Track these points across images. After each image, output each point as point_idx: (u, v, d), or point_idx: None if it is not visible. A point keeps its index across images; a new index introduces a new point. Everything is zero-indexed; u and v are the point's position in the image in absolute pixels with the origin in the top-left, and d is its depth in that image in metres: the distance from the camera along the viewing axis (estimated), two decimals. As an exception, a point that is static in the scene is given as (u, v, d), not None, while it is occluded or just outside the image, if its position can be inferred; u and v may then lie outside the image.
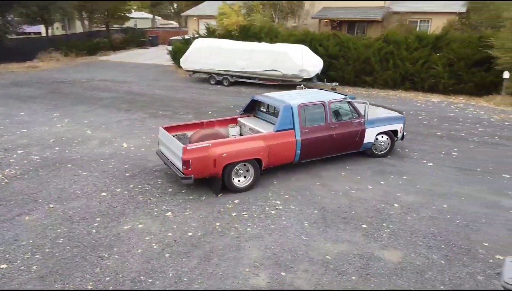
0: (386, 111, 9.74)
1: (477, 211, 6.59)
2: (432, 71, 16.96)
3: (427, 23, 24.64)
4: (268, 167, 7.66)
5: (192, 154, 6.80)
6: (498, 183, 7.76)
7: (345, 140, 8.46)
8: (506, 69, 14.99)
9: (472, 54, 16.48)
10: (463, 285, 4.71)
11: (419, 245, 5.54)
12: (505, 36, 15.31)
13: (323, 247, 5.49)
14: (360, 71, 18.25)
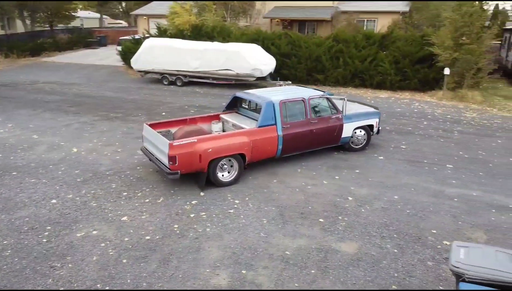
0: (362, 107, 10.12)
1: (425, 200, 6.95)
2: (379, 68, 17.66)
3: (374, 22, 25.61)
4: (251, 161, 7.86)
5: (178, 150, 6.92)
6: (443, 173, 8.23)
7: (324, 135, 8.80)
8: (447, 65, 15.91)
9: (415, 52, 17.35)
10: (415, 271, 4.95)
11: (373, 236, 5.76)
12: (445, 35, 16.24)
13: (282, 243, 5.56)
14: (312, 69, 18.64)
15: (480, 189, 7.49)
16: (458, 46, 15.94)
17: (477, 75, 16.27)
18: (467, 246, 3.84)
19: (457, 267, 3.56)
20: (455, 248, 3.82)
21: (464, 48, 15.79)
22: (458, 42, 15.94)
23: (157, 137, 7.55)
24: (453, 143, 10.26)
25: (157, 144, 7.51)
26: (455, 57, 15.92)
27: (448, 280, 4.75)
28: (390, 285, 4.68)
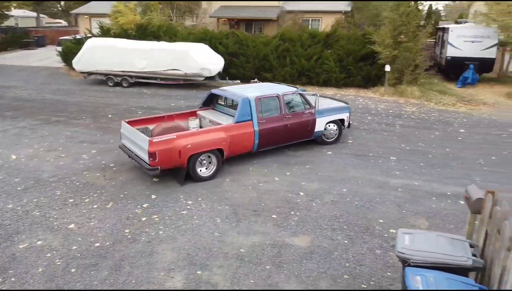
0: (334, 102, 10.63)
1: (371, 191, 7.26)
2: (325, 66, 18.17)
3: (318, 22, 26.28)
4: (229, 156, 8.12)
5: (158, 146, 7.07)
6: (387, 165, 8.64)
7: (298, 130, 9.14)
8: (387, 63, 16.70)
9: (358, 50, 18.04)
10: (364, 260, 5.17)
11: (324, 229, 5.94)
12: (385, 33, 17.05)
13: (236, 241, 5.59)
14: (259, 68, 18.82)
15: (421, 179, 7.95)
16: (397, 44, 16.78)
17: (415, 72, 17.22)
18: (411, 233, 4.07)
19: (402, 253, 3.76)
20: (400, 235, 4.03)
21: (403, 46, 16.64)
22: (397, 41, 16.78)
23: (136, 134, 7.65)
24: (395, 136, 10.79)
25: (136, 141, 7.59)
26: (395, 54, 16.74)
27: (395, 266, 4.99)
28: (342, 275, 4.85)
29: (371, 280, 4.76)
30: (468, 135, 11.27)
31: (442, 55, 21.03)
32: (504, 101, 16.83)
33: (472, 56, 19.17)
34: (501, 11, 17.73)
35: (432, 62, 21.27)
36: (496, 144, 10.58)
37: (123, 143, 8.28)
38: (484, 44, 19.27)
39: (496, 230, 3.66)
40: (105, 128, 11.01)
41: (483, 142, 10.68)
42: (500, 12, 17.78)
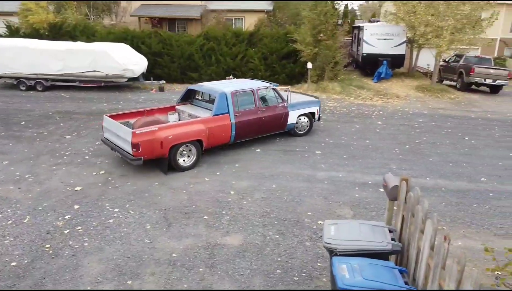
0: (304, 96, 11.41)
1: (300, 185, 7.50)
2: (250, 65, 18.42)
3: (242, 21, 26.55)
4: (208, 147, 8.60)
5: (140, 138, 7.47)
6: (313, 159, 8.98)
7: (272, 122, 9.74)
8: (309, 60, 17.35)
9: (281, 48, 18.52)
10: (295, 253, 5.32)
11: (256, 225, 6.02)
12: (305, 32, 17.70)
13: (168, 246, 5.46)
14: (185, 68, 18.56)
15: (345, 170, 8.37)
16: (317, 42, 17.49)
17: (335, 68, 18.10)
18: (337, 223, 4.26)
19: (329, 243, 3.93)
20: (326, 226, 4.21)
21: (322, 44, 17.39)
22: (317, 39, 17.49)
23: (119, 127, 7.99)
24: (319, 131, 11.24)
25: (119, 134, 7.95)
26: (316, 52, 17.45)
27: (324, 256, 5.21)
28: (275, 270, 4.95)
29: (302, 272, 4.92)
30: (384, 127, 12.08)
31: (358, 52, 22.30)
32: (414, 93, 18.32)
33: (385, 52, 20.58)
34: (407, 11, 19.25)
35: (350, 59, 22.52)
36: (409, 134, 11.48)
37: (105, 137, 8.62)
38: (395, 42, 20.78)
39: (411, 214, 3.97)
40: (17, 137, 10.14)
41: (398, 133, 11.53)
42: (406, 12, 19.29)
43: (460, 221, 6.38)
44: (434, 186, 7.74)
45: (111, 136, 8.37)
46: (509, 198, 7.36)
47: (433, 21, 17.76)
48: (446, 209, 6.78)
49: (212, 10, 25.29)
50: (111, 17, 26.50)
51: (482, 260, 5.02)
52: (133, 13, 25.35)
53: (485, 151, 10.26)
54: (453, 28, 17.75)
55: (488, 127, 12.96)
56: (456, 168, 8.88)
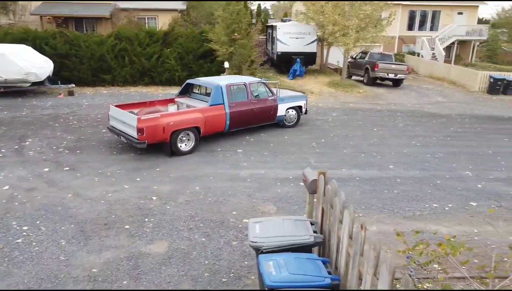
0: (292, 92, 12.65)
1: (223, 185, 7.50)
2: (166, 65, 17.99)
3: (155, 20, 25.79)
4: (205, 134, 9.55)
5: (145, 123, 8.39)
6: (235, 158, 9.03)
7: (263, 113, 10.85)
8: (225, 59, 17.42)
9: (197, 48, 18.36)
10: (222, 254, 5.30)
11: (181, 230, 5.89)
12: (219, 31, 17.74)
13: (87, 261, 5.12)
14: (97, 69, 17.57)
15: (266, 167, 8.55)
16: (232, 41, 17.63)
17: (252, 67, 18.38)
18: (261, 221, 4.32)
19: (254, 242, 3.97)
20: (251, 225, 4.25)
21: (237, 43, 17.57)
22: (232, 38, 17.63)
23: (125, 114, 8.89)
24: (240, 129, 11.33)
25: (125, 121, 8.81)
26: (231, 51, 17.57)
27: (251, 255, 5.26)
28: (203, 274, 4.89)
29: (230, 273, 4.92)
30: (301, 122, 12.54)
31: (273, 50, 22.90)
32: (327, 89, 19.30)
33: (298, 51, 21.39)
34: (316, 11, 20.18)
35: (265, 57, 23.04)
36: (324, 128, 12.06)
37: (111, 125, 9.47)
38: (307, 40, 21.69)
39: (330, 206, 4.16)
40: None
41: (314, 128, 12.06)
42: (315, 12, 20.22)
43: (373, 207, 6.85)
44: (349, 176, 8.22)
45: (117, 124, 9.23)
46: (414, 183, 8.07)
47: (340, 20, 18.83)
48: (361, 197, 7.24)
49: (122, 9, 24.20)
50: (8, 16, 24.13)
51: (395, 242, 5.43)
52: (33, 12, 23.31)
53: (391, 140, 11.15)
54: (358, 27, 19.00)
55: (393, 118, 14.11)
56: (368, 158, 9.52)
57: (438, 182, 8.18)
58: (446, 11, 32.28)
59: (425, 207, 6.98)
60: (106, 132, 10.65)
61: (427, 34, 31.45)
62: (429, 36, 30.63)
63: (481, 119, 14.92)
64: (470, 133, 12.64)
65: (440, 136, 11.97)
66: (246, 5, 18.94)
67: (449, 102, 18.35)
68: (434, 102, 18.26)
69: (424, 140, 11.40)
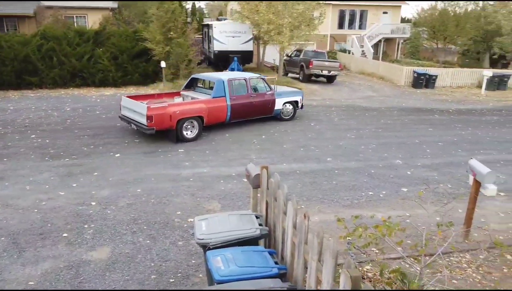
0: (289, 88, 14.06)
1: (166, 186, 7.38)
2: (99, 65, 17.25)
3: (84, 19, 24.60)
4: (208, 124, 10.60)
5: (154, 111, 9.36)
6: (177, 158, 8.93)
7: (261, 107, 11.91)
8: (162, 59, 17.08)
9: (131, 47, 17.80)
10: (169, 255, 5.24)
11: (124, 234, 5.72)
12: (154, 30, 17.35)
13: (22, 274, 4.80)
14: (21, 71, 16.41)
15: (209, 165, 8.54)
16: (168, 40, 17.32)
17: (189, 66, 18.20)
18: (207, 218, 4.33)
19: (201, 239, 3.97)
20: (197, 223, 4.24)
21: (174, 42, 17.29)
22: (168, 37, 17.31)
23: (136, 104, 9.88)
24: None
25: (135, 109, 9.79)
26: (168, 50, 17.26)
27: (198, 253, 5.24)
28: (149, 276, 4.80)
29: (177, 273, 4.88)
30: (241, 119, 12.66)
31: (210, 49, 22.83)
32: (265, 87, 19.55)
33: (234, 49, 21.51)
34: (250, 10, 20.41)
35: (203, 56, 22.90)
36: (264, 125, 12.27)
37: (122, 114, 10.40)
38: (243, 39, 21.88)
39: (274, 199, 4.27)
40: None
41: (253, 124, 12.21)
42: (250, 11, 20.44)
43: (314, 198, 7.12)
44: (290, 170, 8.46)
45: (128, 113, 10.14)
46: (350, 173, 8.49)
47: (274, 19, 19.21)
48: (302, 189, 7.49)
49: (48, 7, 22.77)
50: None
51: (336, 230, 5.69)
52: None
53: (328, 134, 11.62)
54: (292, 25, 19.51)
55: (328, 113, 14.68)
56: (307, 151, 9.85)
57: (372, 171, 8.68)
58: (373, 10, 34.13)
59: (362, 195, 7.39)
60: (36, 137, 10.04)
61: (356, 32, 33.04)
62: (358, 34, 32.21)
63: (407, 112, 15.99)
64: (399, 124, 13.52)
65: (372, 128, 12.67)
66: (181, 4, 18.66)
67: (379, 96, 19.44)
68: (366, 96, 19.25)
69: (358, 133, 12.01)
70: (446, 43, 35.60)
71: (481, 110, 17.31)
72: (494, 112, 17.04)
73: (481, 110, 17.43)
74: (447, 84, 23.71)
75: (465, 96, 21.02)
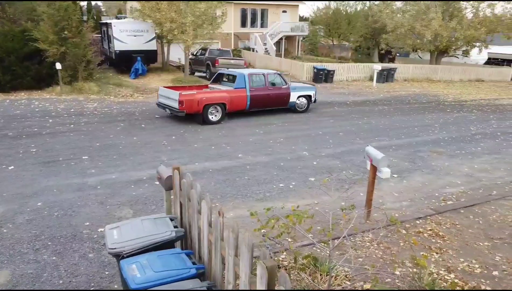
0: (303, 83, 16.31)
1: (71, 197, 6.90)
2: (-19, 69, 15.41)
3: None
4: (230, 111, 12.80)
5: (185, 97, 11.73)
6: (81, 165, 8.39)
7: (277, 99, 13.97)
8: (57, 60, 15.81)
9: (20, 48, 16.19)
10: (79, 270, 4.92)
11: (25, 253, 5.24)
12: (46, 29, 15.97)
13: None
14: None
15: (117, 171, 8.17)
16: (63, 40, 16.09)
17: (89, 67, 17.13)
18: (118, 226, 4.16)
19: (114, 248, 3.80)
20: (108, 232, 4.05)
21: (69, 42, 16.13)
22: (62, 37, 16.08)
23: (170, 92, 12.23)
24: (83, 135, 10.55)
25: (170, 96, 12.15)
26: (63, 51, 16.04)
27: (112, 263, 5.01)
28: (58, 294, 4.47)
29: (90, 286, 4.61)
30: (149, 121, 12.32)
31: (111, 49, 21.73)
32: (172, 87, 19.23)
33: (137, 49, 20.78)
34: (151, 8, 19.86)
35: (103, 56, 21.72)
36: (173, 125, 12.08)
37: (159, 101, 12.75)
38: (145, 38, 21.22)
39: (187, 199, 4.25)
40: None
41: (163, 126, 11.97)
42: (151, 9, 19.88)
43: (228, 195, 7.22)
44: (202, 169, 8.46)
45: (164, 100, 12.48)
46: (261, 168, 8.76)
47: (177, 18, 18.93)
48: (216, 187, 7.54)
49: None
50: None
51: (250, 224, 5.84)
52: None
53: (238, 131, 11.84)
54: (195, 24, 19.41)
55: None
56: (218, 149, 9.93)
57: (281, 164, 9.05)
58: (273, 9, 35.38)
59: (273, 187, 7.67)
60: None
61: (258, 30, 33.98)
62: (261, 33, 33.16)
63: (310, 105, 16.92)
64: (303, 118, 14.25)
65: (279, 123, 13.20)
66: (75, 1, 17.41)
67: (284, 92, 20.26)
68: (271, 92, 19.92)
69: (266, 128, 12.41)
70: (341, 40, 38.31)
71: (374, 101, 19.00)
72: (384, 102, 18.82)
73: (373, 101, 19.13)
74: (343, 78, 25.56)
75: (359, 89, 22.88)
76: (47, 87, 16.49)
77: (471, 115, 16.56)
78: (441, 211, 6.81)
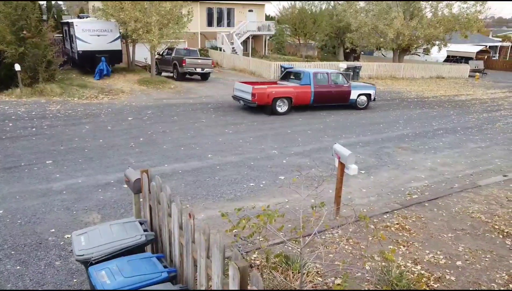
0: (364, 83, 17.65)
1: (35, 203, 6.66)
2: None
3: None
4: (296, 104, 14.86)
5: (257, 90, 13.94)
6: (45, 170, 8.10)
7: (339, 95, 15.65)
8: (16, 61, 15.18)
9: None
10: (45, 278, 4.76)
11: (-14, 264, 5.02)
12: (3, 29, 15.33)
13: None
14: None
15: (84, 175, 7.95)
16: (21, 40, 15.48)
17: (50, 68, 16.56)
18: (85, 232, 4.05)
19: (81, 255, 3.70)
20: (75, 238, 3.94)
21: (29, 42, 15.53)
22: (20, 36, 15.47)
23: (245, 86, 14.43)
24: (46, 138, 10.19)
25: (244, 90, 14.41)
26: (22, 52, 15.43)
27: (80, 270, 4.88)
28: (23, 305, 4.31)
29: (57, 295, 4.48)
30: (116, 123, 12.05)
31: (73, 49, 21.07)
32: (138, 87, 18.94)
33: (101, 49, 20.23)
34: (115, 7, 19.38)
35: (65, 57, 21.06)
36: (141, 127, 11.88)
37: (235, 94, 15.05)
38: (109, 38, 20.69)
39: (157, 202, 4.20)
40: None
41: (130, 127, 11.74)
42: (114, 8, 19.41)
43: (199, 196, 7.18)
44: (172, 171, 8.36)
45: (238, 93, 14.65)
46: (231, 167, 8.76)
47: (142, 17, 18.58)
48: (186, 189, 7.48)
49: None
50: None
51: (222, 225, 5.83)
52: None
53: (207, 131, 11.77)
54: (160, 23, 19.12)
55: (205, 110, 14.85)
56: (187, 150, 9.84)
57: (252, 163, 9.08)
58: (239, 8, 35.33)
59: (244, 187, 7.69)
60: None
61: (225, 30, 33.86)
62: (228, 32, 33.06)
63: (279, 104, 17.06)
64: (272, 117, 14.34)
65: (248, 122, 13.23)
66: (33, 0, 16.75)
67: (252, 91, 20.30)
68: (240, 92, 19.91)
69: (235, 127, 12.41)
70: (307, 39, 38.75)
71: (341, 99, 19.35)
72: (351, 100, 19.20)
73: (340, 99, 19.49)
74: (311, 76, 25.85)
75: (326, 87, 23.22)
76: (6, 90, 15.79)
77: (433, 112, 17.18)
78: (407, 205, 7.04)
